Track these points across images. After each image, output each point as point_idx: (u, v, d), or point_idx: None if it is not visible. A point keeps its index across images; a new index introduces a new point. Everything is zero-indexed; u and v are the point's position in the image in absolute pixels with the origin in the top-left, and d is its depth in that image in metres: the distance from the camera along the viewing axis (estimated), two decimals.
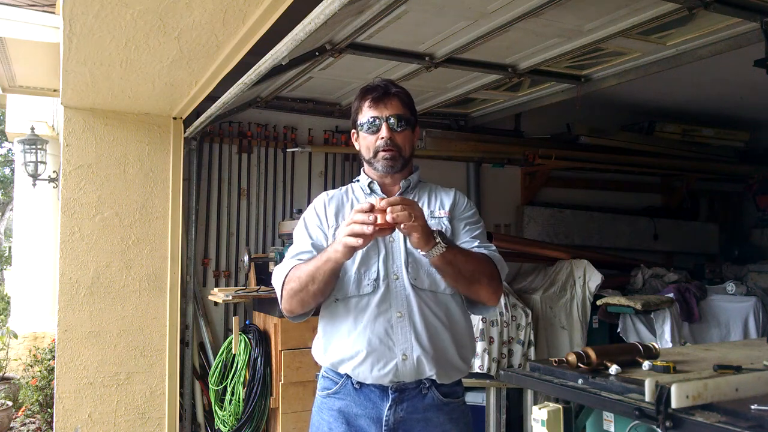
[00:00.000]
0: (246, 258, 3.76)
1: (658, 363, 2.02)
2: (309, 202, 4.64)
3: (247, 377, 3.69)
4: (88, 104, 3.30)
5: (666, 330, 3.95)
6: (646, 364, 2.02)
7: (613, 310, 4.11)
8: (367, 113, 1.71)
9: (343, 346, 1.66)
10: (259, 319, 3.94)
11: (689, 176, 5.77)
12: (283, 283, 1.68)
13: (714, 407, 1.63)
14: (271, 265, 3.95)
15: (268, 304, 3.81)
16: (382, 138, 1.69)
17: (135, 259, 3.44)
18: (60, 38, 2.54)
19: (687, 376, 1.88)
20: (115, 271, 3.39)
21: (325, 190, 4.41)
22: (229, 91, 2.79)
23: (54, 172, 5.82)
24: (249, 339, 3.78)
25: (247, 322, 3.99)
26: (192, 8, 2.08)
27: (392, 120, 1.68)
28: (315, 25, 1.91)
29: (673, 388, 1.60)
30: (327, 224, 1.75)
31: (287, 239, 4.12)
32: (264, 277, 4.09)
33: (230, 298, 3.72)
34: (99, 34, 2.30)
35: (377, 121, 1.69)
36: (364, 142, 1.74)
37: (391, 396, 1.63)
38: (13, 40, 3.90)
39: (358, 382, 1.66)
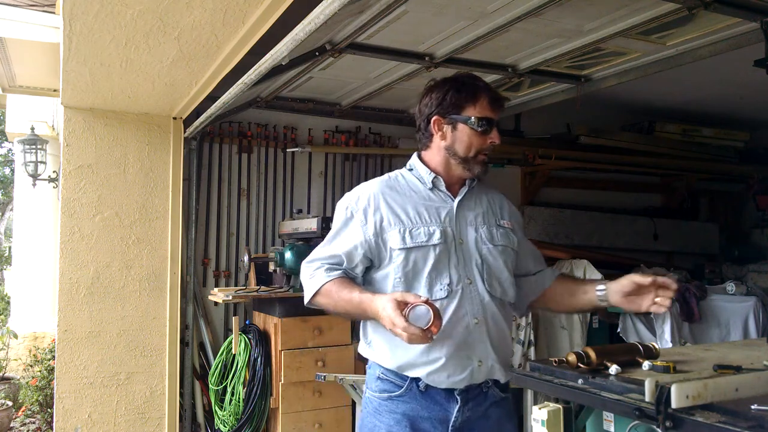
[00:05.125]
0: (246, 258, 3.76)
1: (658, 363, 2.01)
2: (309, 202, 4.68)
3: (247, 377, 3.69)
4: (88, 104, 3.31)
5: (666, 330, 3.94)
6: (646, 364, 2.02)
7: (613, 310, 4.08)
8: (486, 112, 1.63)
9: (415, 351, 1.57)
10: (259, 319, 3.94)
11: (689, 176, 5.77)
12: (315, 292, 1.63)
13: (714, 407, 1.63)
14: (271, 265, 3.95)
15: (268, 304, 3.81)
16: (494, 142, 1.65)
17: (135, 259, 3.43)
18: (60, 38, 2.54)
19: (687, 376, 1.88)
20: (115, 271, 3.39)
21: (325, 189, 4.48)
22: (229, 91, 2.79)
23: (54, 172, 5.82)
24: (249, 339, 3.77)
25: (247, 322, 3.99)
26: (192, 8, 2.08)
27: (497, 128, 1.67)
28: (315, 25, 1.91)
29: (673, 388, 1.60)
30: (374, 224, 1.63)
31: (287, 239, 4.12)
32: (264, 277, 4.09)
33: (230, 298, 3.72)
34: (99, 34, 2.30)
35: (494, 123, 1.64)
36: (468, 139, 1.64)
37: (458, 398, 1.61)
38: (13, 40, 3.91)
39: (425, 385, 1.60)
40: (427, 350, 1.57)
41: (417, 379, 1.60)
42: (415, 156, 1.74)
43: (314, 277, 1.66)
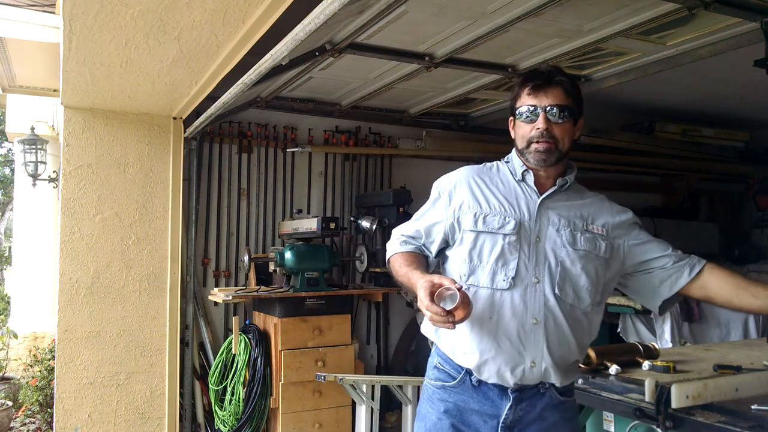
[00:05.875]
0: (246, 258, 3.76)
1: (658, 363, 2.02)
2: (309, 202, 4.68)
3: (247, 377, 3.69)
4: (88, 104, 3.30)
5: (666, 330, 3.94)
6: (646, 364, 2.02)
7: (613, 310, 4.10)
8: (525, 101, 1.61)
9: (468, 337, 1.58)
10: (259, 319, 3.94)
11: (689, 176, 5.77)
12: (388, 260, 1.75)
13: (714, 407, 1.63)
14: (271, 265, 3.95)
15: (268, 304, 3.81)
16: (538, 128, 1.58)
17: (135, 259, 3.43)
18: (60, 38, 2.54)
19: (687, 376, 1.88)
20: (115, 271, 3.39)
21: (325, 189, 4.48)
22: (229, 91, 2.79)
23: (54, 172, 5.82)
24: (249, 339, 3.78)
25: (247, 322, 3.99)
26: (192, 8, 2.08)
27: (554, 110, 1.57)
28: (315, 25, 1.91)
29: (673, 388, 1.60)
30: (455, 206, 1.67)
31: (287, 239, 4.12)
32: (264, 277, 4.09)
33: (230, 298, 3.72)
34: (99, 34, 2.30)
35: (536, 110, 1.59)
36: (520, 131, 1.64)
37: (511, 396, 1.58)
38: (13, 40, 3.90)
39: (478, 380, 1.59)
40: (479, 339, 1.56)
41: (470, 372, 1.60)
42: (514, 149, 1.73)
43: (390, 246, 1.76)
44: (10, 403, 4.86)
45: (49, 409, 4.56)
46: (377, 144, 4.65)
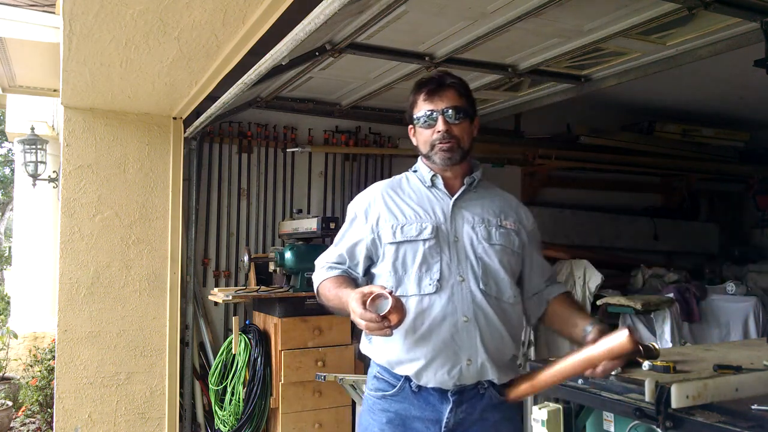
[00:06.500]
0: (246, 258, 3.76)
1: (658, 363, 2.02)
2: (309, 202, 4.68)
3: (247, 377, 3.69)
4: (88, 104, 3.30)
5: (666, 330, 3.94)
6: (646, 364, 2.02)
7: (613, 310, 4.10)
8: (422, 107, 1.67)
9: (403, 346, 1.61)
10: (259, 319, 3.94)
11: (689, 176, 5.77)
12: (317, 291, 1.76)
13: (714, 407, 1.63)
14: (271, 265, 3.95)
15: (268, 304, 3.81)
16: (439, 131, 1.64)
17: (135, 259, 3.43)
18: (60, 38, 2.54)
19: (687, 376, 1.88)
20: (115, 271, 3.39)
21: (325, 189, 4.48)
22: (229, 91, 2.79)
23: (54, 172, 5.82)
24: (249, 339, 3.78)
25: (247, 322, 3.99)
26: (192, 8, 2.08)
27: (450, 111, 1.64)
28: (315, 25, 1.91)
29: (673, 388, 1.60)
30: (372, 222, 1.70)
31: (287, 239, 4.13)
32: (264, 277, 4.09)
33: (230, 298, 3.72)
34: (99, 34, 2.30)
35: (433, 114, 1.65)
36: (421, 137, 1.70)
37: (451, 399, 1.60)
38: (13, 40, 3.91)
39: (417, 385, 1.61)
40: (414, 346, 1.59)
41: (410, 379, 1.61)
42: (420, 158, 1.78)
43: (316, 275, 1.78)
44: (10, 403, 4.86)
45: (49, 409, 4.56)
46: (377, 144, 4.65)
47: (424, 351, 1.58)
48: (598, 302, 4.14)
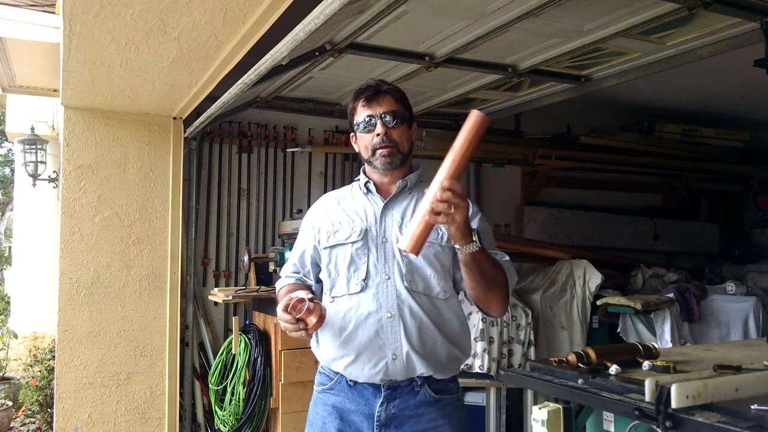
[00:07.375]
0: (246, 258, 3.76)
1: (658, 363, 2.02)
2: (309, 202, 4.67)
3: (247, 377, 3.69)
4: (88, 104, 3.31)
5: (666, 330, 3.95)
6: (646, 364, 2.02)
7: (613, 310, 4.10)
8: (362, 113, 1.74)
9: (335, 344, 1.71)
10: (259, 319, 3.94)
11: (689, 176, 5.77)
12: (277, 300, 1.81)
13: (714, 407, 1.63)
14: (271, 264, 3.95)
15: (268, 304, 3.81)
16: (378, 135, 1.71)
17: (135, 259, 3.44)
18: (60, 38, 2.54)
19: (687, 376, 1.88)
20: (115, 271, 3.39)
21: (326, 190, 4.47)
22: (229, 91, 2.79)
23: (54, 172, 5.82)
24: (249, 339, 3.77)
25: (247, 322, 3.99)
26: (192, 8, 2.08)
27: (387, 117, 1.71)
28: (315, 25, 1.91)
29: (673, 388, 1.60)
30: (315, 231, 1.81)
31: (287, 239, 4.12)
32: (264, 277, 4.09)
33: (230, 298, 3.72)
34: (99, 34, 2.30)
35: (372, 120, 1.72)
36: (362, 142, 1.77)
37: (383, 393, 1.66)
38: (13, 40, 3.91)
39: (351, 380, 1.70)
40: (343, 343, 1.68)
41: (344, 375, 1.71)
42: (363, 166, 1.86)
43: (277, 284, 1.90)
44: (10, 403, 4.86)
45: (49, 409, 4.56)
46: None
47: (351, 347, 1.67)
48: (598, 302, 4.15)
